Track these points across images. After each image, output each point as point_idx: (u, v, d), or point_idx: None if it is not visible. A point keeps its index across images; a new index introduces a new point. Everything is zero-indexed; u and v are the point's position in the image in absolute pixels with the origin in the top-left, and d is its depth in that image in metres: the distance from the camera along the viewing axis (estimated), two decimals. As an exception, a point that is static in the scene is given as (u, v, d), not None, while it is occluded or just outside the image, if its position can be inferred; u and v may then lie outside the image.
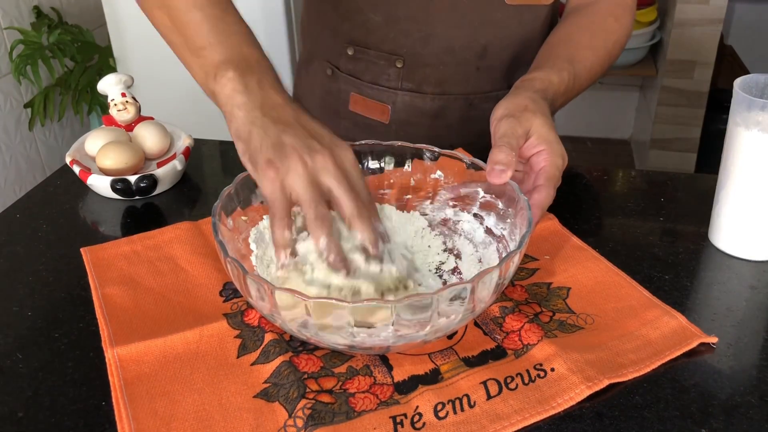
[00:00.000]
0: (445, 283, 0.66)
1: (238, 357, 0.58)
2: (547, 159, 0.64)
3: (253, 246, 0.63)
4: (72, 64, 1.96)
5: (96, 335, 0.61)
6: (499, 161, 0.61)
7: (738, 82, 0.67)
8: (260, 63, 0.61)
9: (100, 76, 1.56)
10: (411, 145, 0.70)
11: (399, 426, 0.51)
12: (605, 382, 0.54)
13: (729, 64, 2.45)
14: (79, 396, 0.55)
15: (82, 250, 0.71)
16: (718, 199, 0.71)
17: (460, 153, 0.69)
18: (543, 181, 0.63)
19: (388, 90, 0.91)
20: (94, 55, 2.00)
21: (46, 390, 0.56)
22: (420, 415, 0.52)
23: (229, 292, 0.65)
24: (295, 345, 0.59)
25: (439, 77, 0.90)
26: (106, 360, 0.57)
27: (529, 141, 0.65)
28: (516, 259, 0.55)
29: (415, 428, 0.51)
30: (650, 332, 0.60)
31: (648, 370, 0.56)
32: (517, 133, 0.64)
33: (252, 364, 0.57)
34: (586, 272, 0.67)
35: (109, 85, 0.87)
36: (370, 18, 0.87)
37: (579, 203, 0.80)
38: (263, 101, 0.58)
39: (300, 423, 0.51)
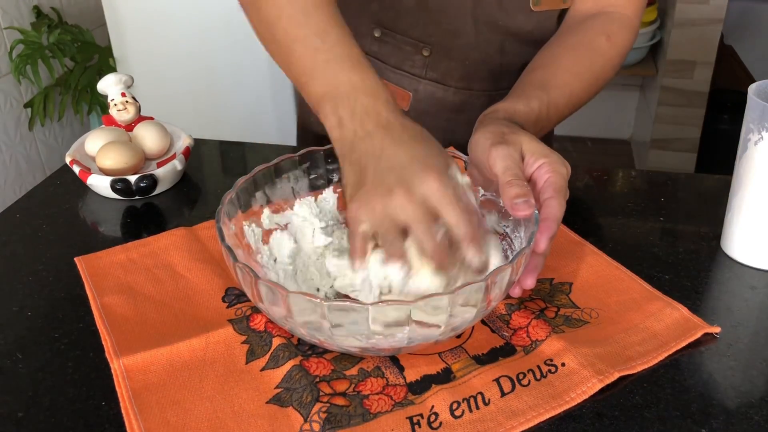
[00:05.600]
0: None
1: (246, 363, 0.58)
2: (550, 170, 0.61)
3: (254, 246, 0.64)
4: (72, 64, 1.96)
5: (96, 335, 0.61)
6: (516, 195, 0.58)
7: (752, 89, 0.66)
8: (355, 88, 0.59)
9: (100, 76, 1.56)
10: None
11: (416, 426, 0.52)
12: (616, 375, 0.55)
13: (729, 64, 2.45)
14: (79, 396, 0.55)
15: (76, 259, 0.70)
16: (731, 207, 0.70)
17: (458, 152, 0.69)
18: (551, 192, 0.60)
19: (411, 77, 0.90)
20: (94, 55, 2.00)
21: (46, 390, 0.56)
22: (436, 414, 0.52)
23: (232, 297, 0.65)
24: (303, 349, 0.59)
25: (464, 72, 0.89)
26: (112, 370, 0.57)
27: (525, 161, 0.62)
28: (526, 257, 0.55)
29: (432, 428, 0.51)
30: (654, 324, 0.61)
31: (656, 362, 0.57)
32: (516, 159, 0.61)
33: (262, 370, 0.57)
34: (586, 267, 0.68)
35: (109, 85, 0.87)
36: (401, 1, 0.85)
37: (579, 203, 0.80)
38: (354, 135, 0.57)
39: (317, 427, 0.51)
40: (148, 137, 0.86)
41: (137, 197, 0.82)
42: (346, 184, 0.57)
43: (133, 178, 0.80)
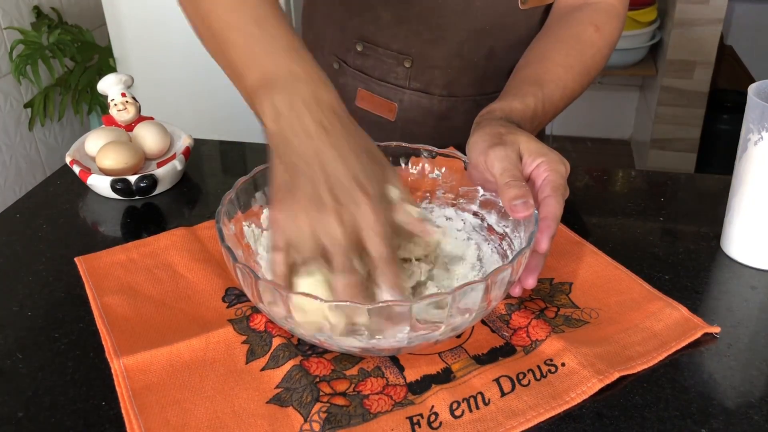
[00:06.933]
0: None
1: (246, 363, 0.57)
2: (548, 169, 0.61)
3: (260, 250, 0.64)
4: (72, 64, 1.96)
5: (96, 335, 0.61)
6: (515, 196, 0.58)
7: (752, 89, 0.66)
8: (294, 77, 0.57)
9: (100, 76, 1.56)
10: (408, 145, 0.70)
11: (416, 426, 0.51)
12: (616, 375, 0.55)
13: (729, 64, 2.45)
14: (79, 396, 0.55)
15: (76, 259, 0.70)
16: (731, 207, 0.70)
17: (457, 152, 0.69)
18: (549, 191, 0.60)
19: (396, 88, 0.91)
20: (94, 55, 2.00)
21: (46, 390, 0.56)
22: (436, 414, 0.52)
23: (232, 297, 0.65)
24: (304, 348, 0.59)
25: (447, 79, 0.89)
26: (112, 370, 0.57)
27: (523, 161, 0.62)
28: (526, 257, 0.55)
29: (432, 428, 0.51)
30: (654, 324, 0.61)
31: (656, 361, 0.57)
32: (514, 160, 0.61)
33: (262, 370, 0.57)
34: (586, 267, 0.68)
35: (109, 85, 0.87)
36: (380, 15, 0.86)
37: (579, 203, 0.80)
38: (290, 131, 0.54)
39: (317, 427, 0.51)
40: (148, 137, 0.86)
41: (137, 197, 0.82)
42: (275, 184, 0.54)
43: (133, 178, 0.80)
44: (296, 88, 0.56)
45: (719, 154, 2.40)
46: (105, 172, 0.82)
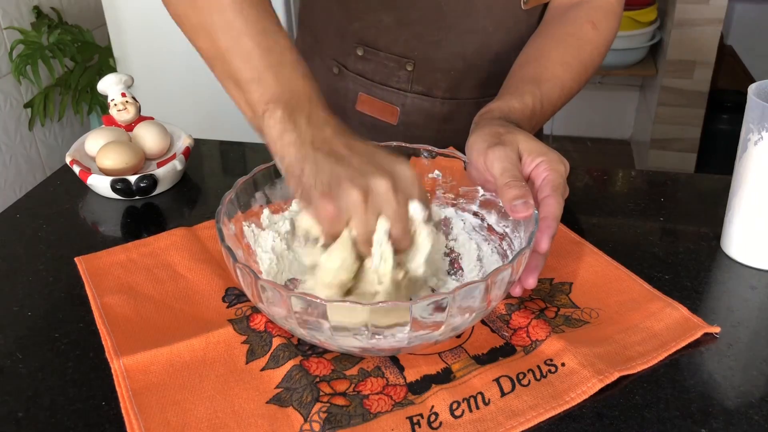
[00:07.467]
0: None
1: (246, 363, 0.57)
2: (548, 168, 0.61)
3: (258, 250, 0.64)
4: (72, 64, 1.96)
5: (96, 335, 0.61)
6: (515, 197, 0.58)
7: (752, 89, 0.66)
8: (310, 98, 0.59)
9: (100, 76, 1.56)
10: (408, 145, 0.70)
11: (416, 426, 0.52)
12: (616, 375, 0.55)
13: (729, 64, 2.45)
14: (79, 396, 0.55)
15: (76, 259, 0.70)
16: (731, 207, 0.70)
17: (457, 152, 0.69)
18: (549, 191, 0.60)
19: (397, 92, 0.90)
20: (94, 55, 2.00)
21: (46, 390, 0.56)
22: (436, 414, 0.52)
23: (232, 297, 0.65)
24: (304, 348, 0.59)
25: (450, 82, 0.89)
26: (112, 370, 0.57)
27: (523, 160, 0.62)
28: (526, 257, 0.55)
29: (432, 428, 0.51)
30: (654, 324, 0.61)
31: (655, 362, 0.57)
32: (514, 160, 0.61)
33: (262, 370, 0.57)
34: (586, 267, 0.68)
35: (109, 85, 0.87)
36: (381, 19, 0.86)
37: (579, 203, 0.80)
38: (314, 137, 0.56)
39: (317, 427, 0.51)
40: (148, 137, 0.86)
41: (137, 197, 0.82)
42: (314, 180, 0.55)
43: (133, 178, 0.80)
44: (313, 105, 0.58)
45: (719, 154, 2.40)
46: (105, 172, 0.82)
